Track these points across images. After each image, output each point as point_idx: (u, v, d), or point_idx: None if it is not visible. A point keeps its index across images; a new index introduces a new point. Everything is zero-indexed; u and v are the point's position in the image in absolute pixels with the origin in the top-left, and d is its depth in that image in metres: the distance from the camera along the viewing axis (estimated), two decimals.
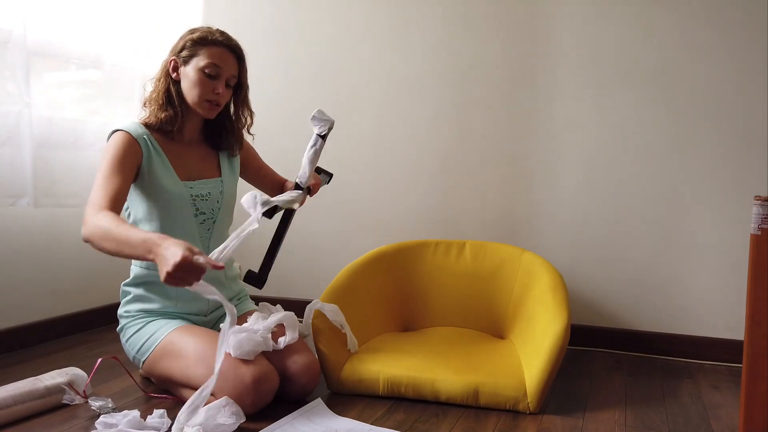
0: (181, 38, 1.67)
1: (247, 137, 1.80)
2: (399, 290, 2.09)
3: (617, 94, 2.17)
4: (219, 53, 1.64)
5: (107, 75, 2.24)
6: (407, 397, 1.63)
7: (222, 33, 1.67)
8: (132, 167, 1.56)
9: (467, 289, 2.07)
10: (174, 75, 1.65)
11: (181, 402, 1.49)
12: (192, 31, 1.67)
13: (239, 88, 1.71)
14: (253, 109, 1.77)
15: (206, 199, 1.68)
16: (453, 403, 1.60)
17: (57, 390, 1.52)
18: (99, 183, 1.51)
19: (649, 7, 2.12)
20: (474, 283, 2.07)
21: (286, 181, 1.88)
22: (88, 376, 1.60)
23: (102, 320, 2.34)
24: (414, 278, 2.11)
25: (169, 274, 1.24)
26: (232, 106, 1.74)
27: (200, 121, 1.72)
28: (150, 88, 1.70)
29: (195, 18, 2.61)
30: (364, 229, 2.48)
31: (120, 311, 1.68)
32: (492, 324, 2.04)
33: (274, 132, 2.56)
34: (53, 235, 2.16)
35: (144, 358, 1.59)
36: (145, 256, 1.31)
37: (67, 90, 2.15)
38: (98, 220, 1.41)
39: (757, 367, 1.17)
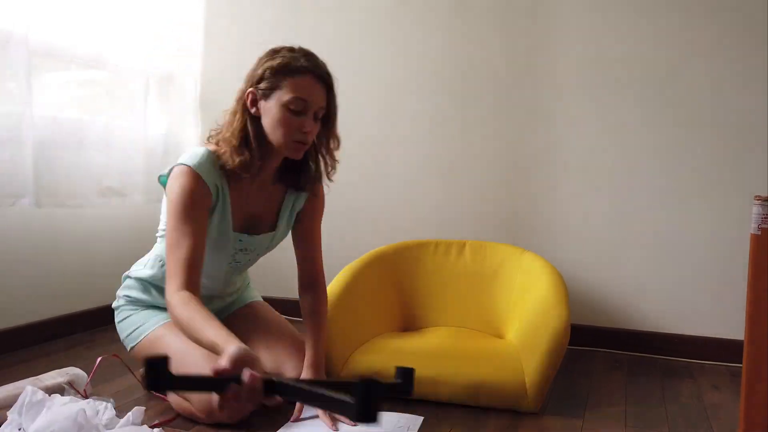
0: (258, 64, 1.43)
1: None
2: (399, 290, 2.09)
3: (618, 94, 2.17)
4: (305, 84, 1.40)
5: (109, 75, 2.24)
6: (407, 397, 1.63)
7: (307, 55, 1.43)
8: (204, 217, 1.40)
9: (467, 289, 2.07)
10: (253, 110, 1.42)
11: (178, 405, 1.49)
12: (272, 56, 1.42)
13: (327, 119, 1.47)
14: (339, 137, 1.52)
15: (247, 253, 1.58)
16: (453, 403, 1.60)
17: (57, 390, 1.52)
18: (172, 243, 1.36)
19: (649, 7, 2.12)
20: (474, 283, 2.07)
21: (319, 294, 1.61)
22: (89, 376, 1.60)
23: (102, 320, 2.34)
24: (414, 278, 2.11)
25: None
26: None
27: (280, 160, 1.50)
28: (222, 121, 1.48)
29: (197, 18, 2.61)
30: (364, 229, 2.48)
31: (119, 291, 1.67)
32: (492, 324, 2.04)
33: None
34: (54, 235, 2.16)
35: (132, 345, 1.59)
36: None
37: (69, 90, 2.15)
38: (178, 309, 1.30)
39: (757, 367, 1.17)
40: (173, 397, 1.53)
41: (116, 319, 1.65)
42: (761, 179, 2.03)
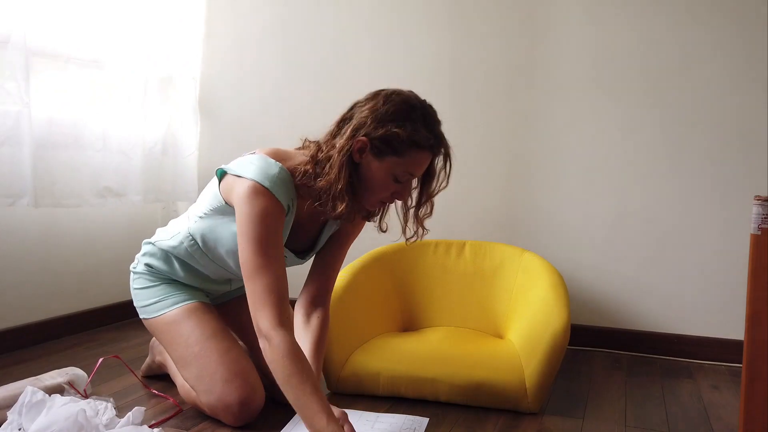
0: (383, 114, 1.31)
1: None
2: (399, 290, 2.09)
3: (617, 94, 2.17)
4: (422, 160, 1.35)
5: (107, 75, 2.24)
6: (407, 397, 1.63)
7: (433, 131, 1.34)
8: (281, 237, 1.33)
9: (467, 289, 2.07)
10: (356, 156, 1.32)
11: (176, 406, 1.49)
12: (402, 120, 1.30)
13: (426, 181, 1.42)
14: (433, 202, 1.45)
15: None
16: (453, 403, 1.60)
17: (57, 390, 1.52)
18: (255, 269, 1.27)
19: (649, 8, 2.12)
20: (474, 283, 2.07)
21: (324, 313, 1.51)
22: (89, 376, 1.60)
23: (102, 320, 2.34)
24: (414, 278, 2.11)
25: None
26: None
27: None
28: (321, 156, 1.34)
29: (197, 19, 2.61)
30: (365, 229, 2.48)
31: (138, 255, 1.62)
32: (492, 324, 2.04)
33: (274, 131, 2.56)
34: (53, 235, 2.16)
35: (146, 317, 1.56)
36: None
37: (67, 90, 2.15)
38: (279, 355, 1.23)
39: (757, 367, 1.17)
40: (180, 384, 1.53)
41: (133, 284, 1.60)
42: (761, 179, 2.03)
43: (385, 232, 1.49)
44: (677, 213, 2.12)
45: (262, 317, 1.26)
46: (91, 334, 2.25)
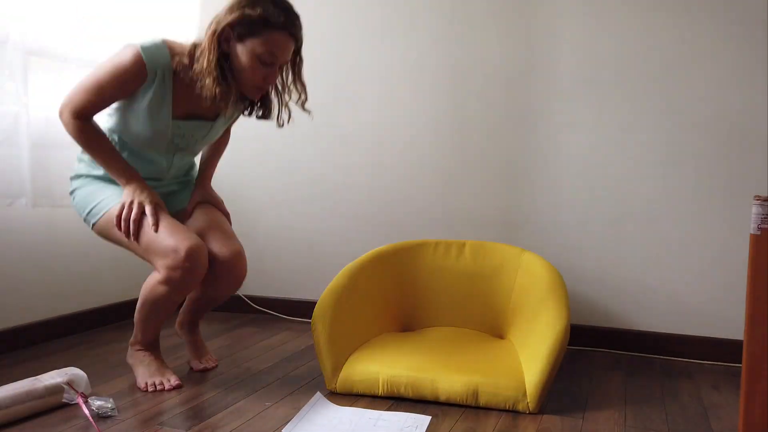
0: (237, 5, 1.49)
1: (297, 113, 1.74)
2: (399, 290, 2.09)
3: (616, 94, 2.17)
4: (280, 41, 1.51)
5: None
6: (407, 397, 1.63)
7: (285, 10, 1.52)
8: (128, 92, 1.53)
9: (467, 289, 2.07)
10: (225, 46, 1.51)
11: None
12: (252, 4, 1.48)
13: (292, 69, 1.64)
14: (305, 83, 1.67)
15: (186, 138, 1.66)
16: (453, 403, 1.60)
17: (57, 390, 1.52)
18: (90, 87, 1.50)
19: (648, 9, 2.12)
20: (474, 283, 2.07)
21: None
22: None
23: (102, 320, 2.34)
24: (414, 278, 2.11)
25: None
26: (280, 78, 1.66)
27: None
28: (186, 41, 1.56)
29: (191, 17, 2.61)
30: (364, 229, 2.48)
31: (72, 175, 1.72)
32: (491, 324, 2.04)
33: (268, 130, 2.56)
34: (52, 235, 2.16)
35: (94, 221, 1.64)
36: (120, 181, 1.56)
37: (65, 90, 2.14)
38: (88, 128, 1.54)
39: (757, 367, 1.17)
40: (148, 285, 1.62)
41: (72, 201, 1.71)
42: (761, 179, 2.03)
43: (282, 126, 1.70)
44: (677, 213, 2.12)
45: (67, 97, 1.53)
46: (90, 334, 2.25)
